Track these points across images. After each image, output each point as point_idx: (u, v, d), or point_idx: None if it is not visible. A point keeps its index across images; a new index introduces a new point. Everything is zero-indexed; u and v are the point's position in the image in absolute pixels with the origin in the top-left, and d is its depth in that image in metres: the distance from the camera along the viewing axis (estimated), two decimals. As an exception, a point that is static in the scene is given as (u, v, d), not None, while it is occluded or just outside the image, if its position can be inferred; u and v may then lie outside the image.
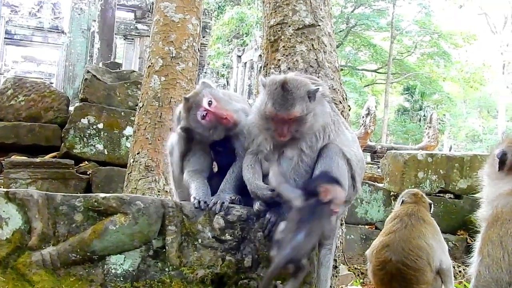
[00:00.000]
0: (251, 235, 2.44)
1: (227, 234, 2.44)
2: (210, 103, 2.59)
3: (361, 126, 13.36)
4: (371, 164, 13.32)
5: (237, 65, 24.88)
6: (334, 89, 3.32)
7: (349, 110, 3.49)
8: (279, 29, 3.45)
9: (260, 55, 20.88)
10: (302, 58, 3.33)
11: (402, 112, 34.39)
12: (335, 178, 2.42)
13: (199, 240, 2.42)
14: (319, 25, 3.43)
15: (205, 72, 23.64)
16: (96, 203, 2.38)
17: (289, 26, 3.42)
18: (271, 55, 3.46)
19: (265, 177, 2.54)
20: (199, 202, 2.46)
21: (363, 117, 13.53)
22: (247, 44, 25.80)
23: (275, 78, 2.48)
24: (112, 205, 2.38)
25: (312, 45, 3.37)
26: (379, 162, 10.43)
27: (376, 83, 35.32)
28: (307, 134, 2.47)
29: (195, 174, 2.66)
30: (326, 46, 3.38)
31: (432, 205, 4.18)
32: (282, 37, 3.43)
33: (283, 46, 3.40)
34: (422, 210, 4.02)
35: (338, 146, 2.54)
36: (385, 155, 8.14)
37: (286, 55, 3.38)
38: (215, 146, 2.72)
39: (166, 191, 4.52)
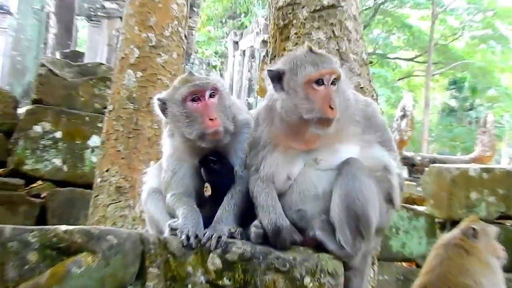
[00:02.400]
0: (256, 279, 2.45)
1: (225, 278, 2.44)
2: (212, 95, 2.70)
3: (394, 131, 13.38)
4: (408, 181, 13.29)
5: (233, 53, 25.00)
6: (362, 87, 3.34)
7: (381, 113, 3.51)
8: (290, 11, 3.48)
9: (264, 41, 20.99)
10: (320, 48, 3.35)
11: (447, 113, 34.43)
12: None
13: (189, 286, 2.42)
14: (341, 6, 3.46)
15: (192, 63, 23.74)
16: (55, 239, 2.39)
17: (303, 7, 3.45)
18: (280, 44, 3.49)
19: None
20: (188, 236, 2.47)
21: (397, 120, 13.57)
22: (246, 27, 25.91)
23: (292, 52, 2.75)
24: (76, 241, 2.39)
25: (333, 31, 3.39)
26: (419, 178, 10.42)
27: (414, 76, 35.40)
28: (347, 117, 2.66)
29: (181, 199, 2.68)
30: (350, 32, 3.41)
31: (476, 230, 4.15)
32: (294, 21, 3.47)
33: (295, 33, 3.44)
34: (465, 239, 4.01)
35: (361, 162, 2.60)
36: (426, 169, 8.14)
37: (299, 45, 3.38)
38: (208, 162, 2.74)
39: (144, 220, 4.52)
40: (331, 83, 2.60)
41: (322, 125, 2.57)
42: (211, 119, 2.63)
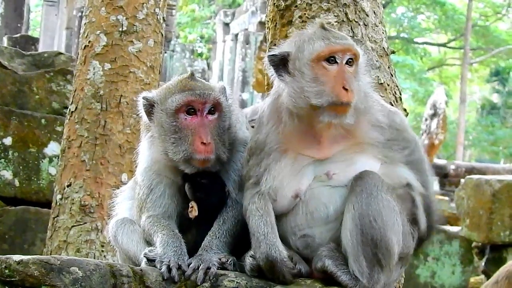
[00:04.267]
0: (253, 319, 2.47)
1: (215, 318, 2.46)
2: (212, 111, 2.74)
3: (423, 133, 13.38)
4: (440, 195, 13.33)
5: (223, 38, 25.00)
6: (381, 83, 3.37)
7: (406, 115, 3.53)
8: (294, -12, 3.53)
9: (261, 22, 20.98)
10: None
11: (488, 111, 34.48)
12: None
13: (172, 328, 2.44)
14: (355, -18, 3.50)
15: (173, 50, 23.75)
16: (7, 271, 2.40)
17: (309, -16, 3.50)
18: (281, 30, 3.53)
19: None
20: (169, 267, 2.48)
21: (426, 119, 13.59)
22: (239, 5, 25.97)
23: (301, 31, 2.92)
24: (32, 274, 2.39)
25: (346, 14, 3.43)
26: (453, 192, 10.46)
27: (447, 65, 35.45)
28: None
29: (159, 222, 2.70)
30: (367, 15, 3.45)
31: None
32: (298, 1, 3.49)
33: (300, 17, 3.48)
34: None
35: (379, 176, 2.64)
36: (462, 181, 8.16)
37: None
38: (195, 177, 2.77)
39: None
40: (346, 63, 2.66)
41: (335, 112, 2.62)
42: (203, 143, 2.67)
